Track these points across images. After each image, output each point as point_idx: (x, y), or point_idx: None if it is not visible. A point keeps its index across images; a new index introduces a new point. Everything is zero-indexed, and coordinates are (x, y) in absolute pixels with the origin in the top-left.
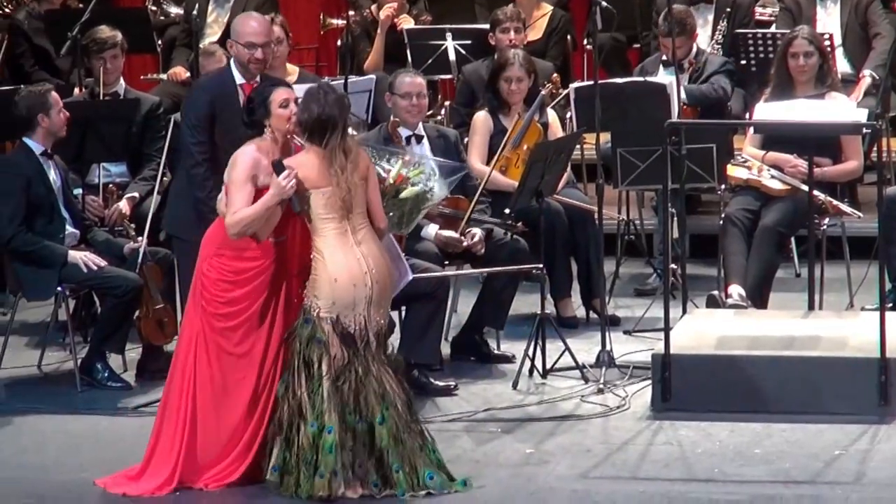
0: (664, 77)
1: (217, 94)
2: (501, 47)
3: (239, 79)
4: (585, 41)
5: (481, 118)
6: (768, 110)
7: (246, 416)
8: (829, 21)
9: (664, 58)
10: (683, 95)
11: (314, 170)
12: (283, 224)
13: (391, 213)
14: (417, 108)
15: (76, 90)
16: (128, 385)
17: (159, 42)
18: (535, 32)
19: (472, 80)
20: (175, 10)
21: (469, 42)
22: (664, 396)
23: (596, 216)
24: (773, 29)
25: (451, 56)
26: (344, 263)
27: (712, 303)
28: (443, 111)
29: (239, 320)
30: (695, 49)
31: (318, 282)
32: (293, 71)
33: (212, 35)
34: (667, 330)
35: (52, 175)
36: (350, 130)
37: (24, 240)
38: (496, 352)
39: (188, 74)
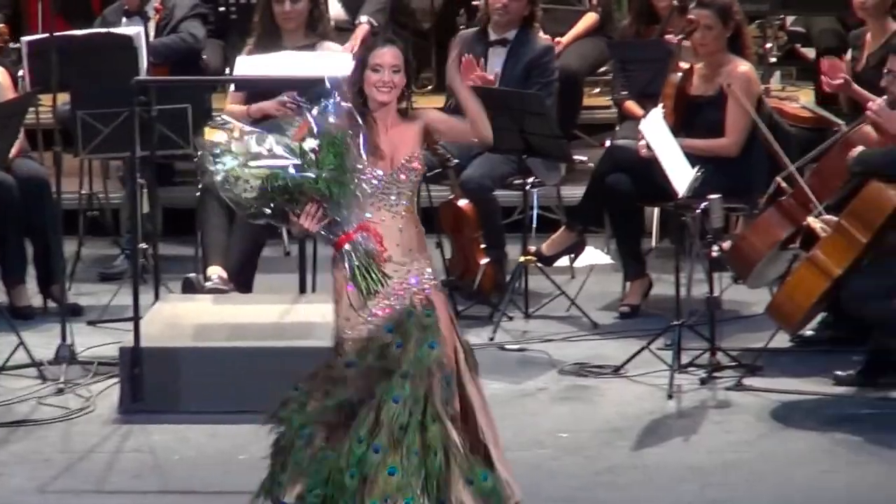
0: (129, 27)
1: None
2: None
3: None
4: None
5: None
6: (251, 64)
7: None
8: None
9: (126, 7)
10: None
11: None
12: None
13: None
14: None
15: None
16: None
17: None
18: None
19: None
20: None
21: None
22: (134, 396)
23: (54, 189)
24: None
25: None
26: None
27: (189, 287)
28: None
29: None
30: None
31: (432, 259)
32: None
33: None
34: (136, 319)
35: None
36: None
37: None
38: None
39: None
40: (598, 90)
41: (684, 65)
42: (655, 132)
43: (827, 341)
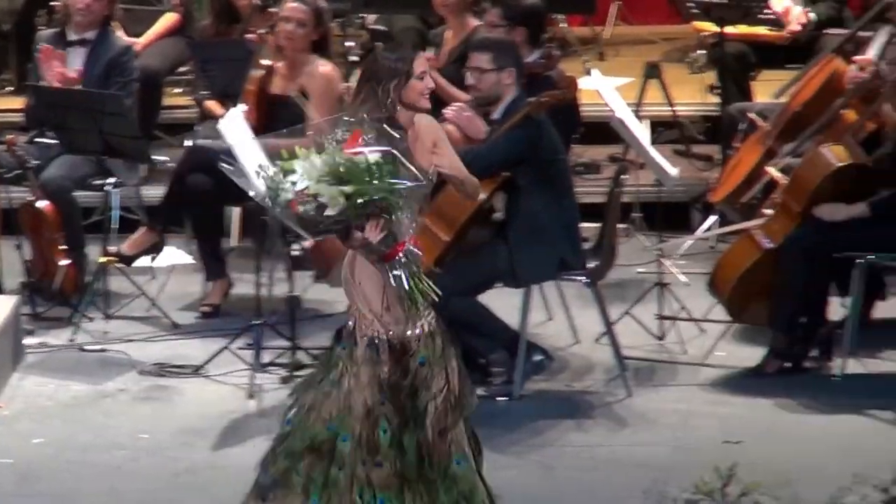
0: None
1: None
2: None
3: None
4: None
5: None
6: None
7: None
8: None
9: None
10: None
11: None
12: None
13: None
14: None
15: None
16: None
17: None
18: None
19: None
20: None
21: None
22: None
23: None
24: None
25: None
26: None
27: None
28: None
29: None
30: None
31: None
32: None
33: None
34: None
35: None
36: None
37: None
38: None
39: None
40: (179, 90)
41: (266, 62)
42: (235, 131)
43: None
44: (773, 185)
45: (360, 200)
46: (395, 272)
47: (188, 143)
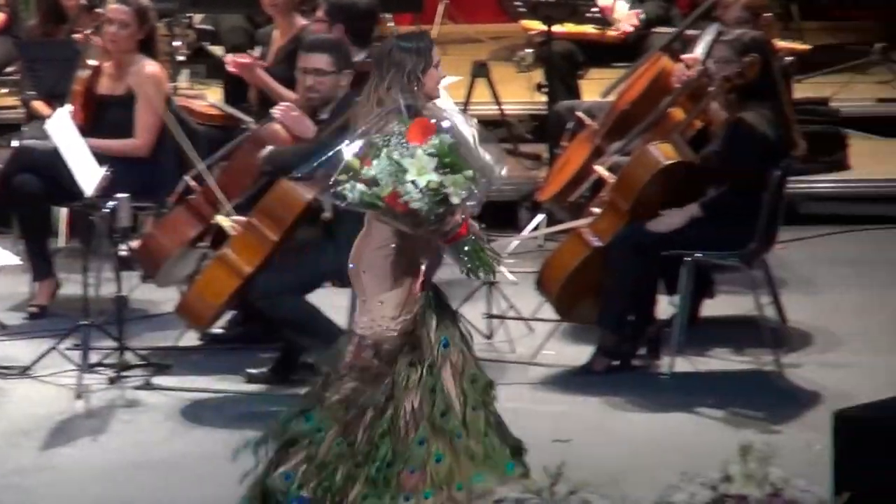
0: None
1: None
2: None
3: None
4: None
5: None
6: None
7: None
8: None
9: None
10: None
11: None
12: None
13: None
14: None
15: None
16: None
17: None
18: None
19: None
20: None
21: None
22: None
23: None
24: None
25: None
26: None
27: None
28: None
29: None
30: None
31: None
32: None
33: None
34: None
35: None
36: None
37: None
38: None
39: None
40: (5, 90)
41: (93, 63)
42: (62, 131)
43: (237, 339)
44: (600, 183)
45: (477, 184)
46: (467, 247)
47: (15, 143)
